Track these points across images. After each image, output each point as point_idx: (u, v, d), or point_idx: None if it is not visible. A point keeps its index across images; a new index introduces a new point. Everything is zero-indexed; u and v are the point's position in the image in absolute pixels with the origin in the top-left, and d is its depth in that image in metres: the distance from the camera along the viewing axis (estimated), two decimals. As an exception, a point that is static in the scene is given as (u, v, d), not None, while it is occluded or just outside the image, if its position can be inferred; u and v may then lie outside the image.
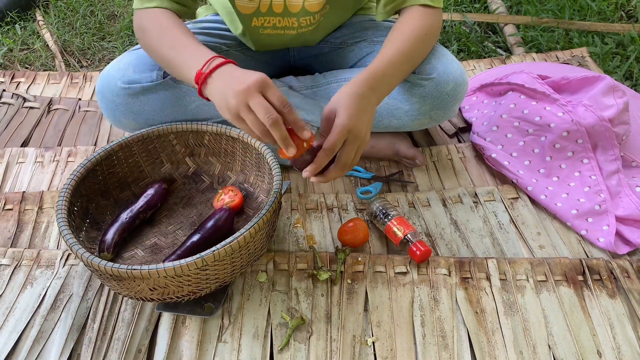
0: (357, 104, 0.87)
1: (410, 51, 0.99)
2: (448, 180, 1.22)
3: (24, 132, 1.39)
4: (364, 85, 0.90)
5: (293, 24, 1.10)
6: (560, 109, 1.17)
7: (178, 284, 0.84)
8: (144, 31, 1.00)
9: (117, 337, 0.90)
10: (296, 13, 1.08)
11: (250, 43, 1.20)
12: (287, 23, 1.11)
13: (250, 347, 0.89)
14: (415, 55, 1.02)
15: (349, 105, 0.86)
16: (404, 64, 0.99)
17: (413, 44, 0.99)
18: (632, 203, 1.08)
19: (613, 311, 0.93)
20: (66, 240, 0.85)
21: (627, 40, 1.65)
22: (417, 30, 1.00)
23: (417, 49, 1.01)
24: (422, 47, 1.03)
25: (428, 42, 1.03)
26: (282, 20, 1.10)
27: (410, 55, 1.00)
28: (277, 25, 1.11)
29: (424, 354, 0.88)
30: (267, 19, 1.10)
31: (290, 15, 1.09)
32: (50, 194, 1.17)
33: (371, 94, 0.91)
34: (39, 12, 2.01)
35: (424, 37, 1.01)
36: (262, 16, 1.10)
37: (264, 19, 1.10)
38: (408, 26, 1.01)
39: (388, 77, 0.95)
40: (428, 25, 1.01)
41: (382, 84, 0.94)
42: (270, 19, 1.10)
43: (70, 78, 1.60)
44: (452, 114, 1.13)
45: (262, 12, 1.09)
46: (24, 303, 0.96)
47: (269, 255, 1.02)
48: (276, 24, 1.11)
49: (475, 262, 1.00)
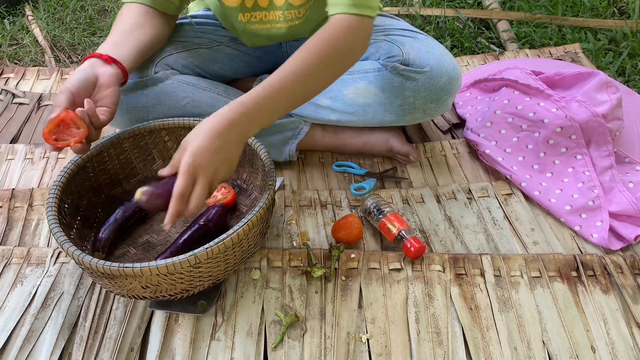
0: (209, 143, 0.81)
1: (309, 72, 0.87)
2: (442, 177, 1.21)
3: (13, 129, 1.37)
4: (224, 122, 0.83)
5: (279, 17, 1.09)
6: (554, 105, 1.17)
7: (171, 282, 0.83)
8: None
9: (109, 335, 0.89)
10: (280, 7, 1.07)
11: (242, 38, 1.19)
12: (273, 17, 1.10)
13: (244, 345, 0.88)
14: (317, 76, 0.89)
15: (199, 144, 0.80)
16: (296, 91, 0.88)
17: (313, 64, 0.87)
18: (626, 199, 1.09)
19: (607, 307, 0.94)
20: (57, 238, 0.84)
21: (620, 36, 1.65)
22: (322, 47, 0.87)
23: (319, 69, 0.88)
24: (329, 65, 0.89)
25: (338, 59, 0.90)
26: (268, 14, 1.09)
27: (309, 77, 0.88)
28: (263, 19, 1.11)
29: (419, 350, 0.88)
30: (253, 14, 1.10)
31: (276, 9, 1.08)
32: (40, 191, 1.16)
33: (232, 132, 0.83)
34: (28, 6, 1.98)
35: (332, 54, 0.88)
36: (248, 11, 1.09)
37: (250, 14, 1.10)
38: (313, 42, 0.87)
39: (266, 110, 0.86)
40: (341, 40, 0.88)
41: (254, 119, 0.85)
42: (256, 14, 1.09)
43: (60, 74, 1.58)
44: (446, 108, 1.12)
45: (247, 7, 1.08)
46: (14, 302, 0.95)
47: (262, 252, 1.01)
48: (262, 18, 1.10)
49: (469, 258, 1.00)
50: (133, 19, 1.03)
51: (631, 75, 1.52)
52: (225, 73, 1.24)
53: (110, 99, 0.92)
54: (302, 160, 1.25)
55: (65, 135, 0.88)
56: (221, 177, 0.85)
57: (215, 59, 1.21)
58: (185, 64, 1.15)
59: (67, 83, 0.89)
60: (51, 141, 0.87)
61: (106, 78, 0.92)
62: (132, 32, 1.01)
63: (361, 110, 1.12)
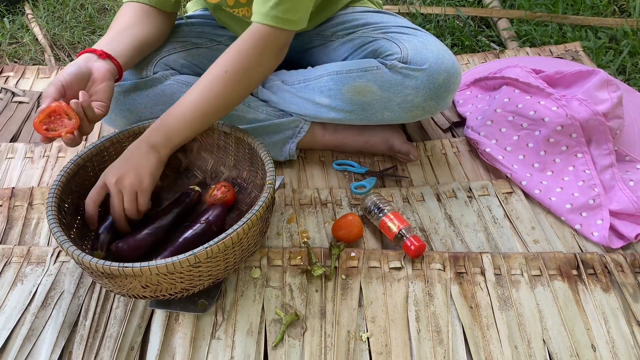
0: (127, 158, 0.93)
1: (220, 85, 0.93)
2: (442, 175, 1.21)
3: (13, 127, 1.37)
4: (142, 138, 0.94)
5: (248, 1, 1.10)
6: (554, 103, 1.17)
7: (171, 281, 0.83)
8: None
9: (109, 334, 0.89)
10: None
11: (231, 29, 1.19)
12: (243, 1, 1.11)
13: (244, 344, 0.88)
14: (229, 87, 0.94)
15: (118, 159, 0.93)
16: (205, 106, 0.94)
17: (225, 77, 0.93)
18: (626, 197, 1.08)
19: (607, 305, 0.94)
20: (56, 238, 0.84)
21: (620, 34, 1.65)
22: (236, 59, 0.93)
23: (231, 82, 0.94)
24: (240, 78, 0.94)
25: (250, 71, 0.95)
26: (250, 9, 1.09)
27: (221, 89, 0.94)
28: (246, 15, 1.11)
29: (419, 349, 0.88)
30: (235, 11, 1.10)
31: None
32: (40, 190, 1.16)
33: (149, 147, 0.94)
34: (28, 5, 1.98)
35: (246, 67, 0.93)
36: (230, 8, 1.09)
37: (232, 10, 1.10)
38: (228, 53, 0.94)
39: (181, 127, 0.95)
40: (252, 53, 0.93)
41: (172, 136, 0.95)
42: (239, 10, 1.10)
43: (60, 72, 1.58)
44: (446, 105, 1.12)
45: (229, 4, 1.09)
46: (14, 301, 0.95)
47: (262, 251, 1.01)
48: (245, 14, 1.11)
49: (469, 257, 1.00)
50: (130, 17, 1.03)
51: (632, 74, 1.52)
52: (225, 72, 1.24)
53: (104, 93, 0.93)
54: (302, 159, 1.24)
55: (56, 125, 0.89)
56: (140, 192, 0.93)
57: (214, 58, 1.19)
58: (184, 64, 1.15)
59: (59, 75, 0.90)
60: (42, 131, 0.87)
61: (100, 72, 0.92)
62: (128, 29, 1.01)
63: (360, 109, 1.12)
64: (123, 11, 1.05)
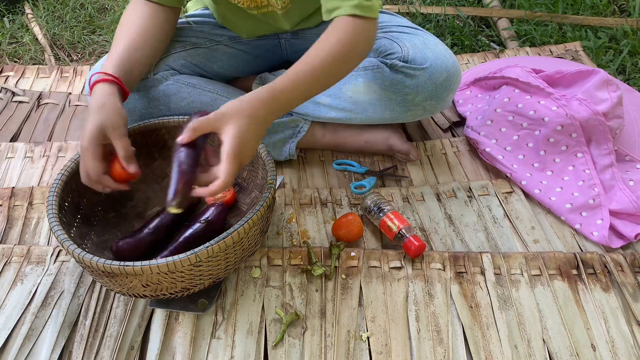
0: (248, 126, 0.82)
1: (325, 70, 0.90)
2: (442, 175, 1.21)
3: (13, 127, 1.37)
4: (261, 105, 0.84)
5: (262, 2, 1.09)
6: (554, 103, 1.17)
7: (171, 280, 0.83)
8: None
9: (110, 334, 0.89)
10: None
11: (236, 28, 1.19)
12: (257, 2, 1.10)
13: (244, 343, 0.88)
14: (331, 73, 0.92)
15: (240, 129, 0.81)
16: (314, 84, 0.91)
17: (329, 62, 0.90)
18: (626, 197, 1.08)
19: (607, 305, 0.94)
20: (57, 237, 0.84)
21: (620, 34, 1.65)
22: (337, 46, 0.90)
23: (334, 67, 0.91)
24: (342, 64, 0.93)
25: (351, 59, 0.93)
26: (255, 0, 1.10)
27: (325, 74, 0.91)
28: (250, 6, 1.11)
29: (419, 348, 0.88)
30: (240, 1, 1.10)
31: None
32: (40, 190, 1.16)
33: (268, 117, 0.86)
34: (28, 5, 1.98)
35: (346, 53, 0.91)
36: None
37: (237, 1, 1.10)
38: (328, 41, 0.90)
39: (293, 98, 0.89)
40: (353, 41, 0.91)
41: (282, 106, 0.88)
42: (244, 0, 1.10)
43: (60, 72, 1.58)
44: (446, 105, 1.12)
45: None
46: (14, 300, 0.95)
47: (262, 250, 1.01)
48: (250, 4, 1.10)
49: (469, 256, 1.00)
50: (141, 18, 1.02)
51: (631, 74, 1.52)
52: (225, 72, 1.24)
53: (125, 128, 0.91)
54: (302, 159, 1.24)
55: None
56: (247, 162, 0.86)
57: (214, 58, 1.20)
58: (184, 64, 1.15)
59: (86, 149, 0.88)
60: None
61: (113, 120, 0.89)
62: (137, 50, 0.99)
63: (361, 108, 1.12)
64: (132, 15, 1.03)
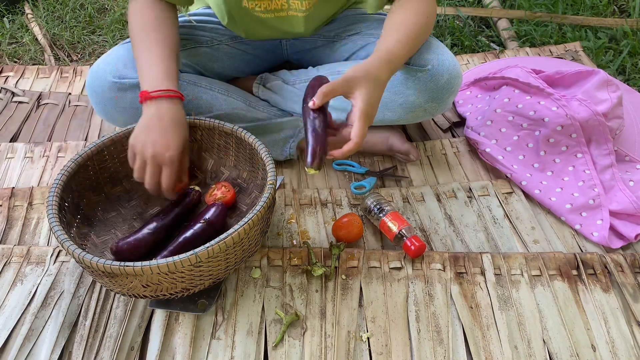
0: (375, 89, 0.89)
1: (414, 37, 0.99)
2: (442, 175, 1.21)
3: (13, 127, 1.37)
4: (382, 67, 0.91)
5: (283, 5, 1.09)
6: (554, 103, 1.17)
7: (171, 281, 0.83)
8: (129, 23, 1.02)
9: (109, 334, 0.89)
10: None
11: (241, 30, 1.18)
12: (276, 5, 1.10)
13: (244, 344, 0.88)
14: (417, 42, 1.02)
15: (369, 91, 0.88)
16: (411, 50, 0.99)
17: (415, 30, 0.99)
18: (626, 197, 1.09)
19: (607, 305, 0.94)
20: (57, 237, 0.84)
21: (620, 34, 1.65)
22: (418, 18, 1.00)
23: (418, 36, 1.01)
24: (423, 34, 1.02)
25: (427, 30, 1.03)
26: (272, 2, 1.09)
27: (414, 41, 1.00)
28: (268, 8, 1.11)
29: (419, 349, 0.88)
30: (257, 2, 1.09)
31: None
32: (40, 190, 1.15)
33: (387, 75, 0.92)
34: (28, 5, 1.98)
35: (424, 24, 1.01)
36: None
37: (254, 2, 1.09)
38: (408, 14, 1.00)
39: (401, 57, 0.96)
40: (427, 13, 1.01)
41: (396, 65, 0.95)
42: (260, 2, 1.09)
43: (60, 72, 1.58)
44: (447, 107, 1.12)
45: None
46: (13, 300, 0.94)
47: (262, 251, 1.01)
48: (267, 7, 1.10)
49: (469, 257, 1.00)
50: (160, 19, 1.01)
51: (631, 74, 1.52)
52: (225, 72, 1.24)
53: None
54: (302, 159, 1.24)
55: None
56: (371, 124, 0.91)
57: (215, 57, 1.20)
58: (185, 62, 1.15)
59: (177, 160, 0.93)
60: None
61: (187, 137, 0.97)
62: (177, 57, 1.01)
63: (362, 109, 1.12)
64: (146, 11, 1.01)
